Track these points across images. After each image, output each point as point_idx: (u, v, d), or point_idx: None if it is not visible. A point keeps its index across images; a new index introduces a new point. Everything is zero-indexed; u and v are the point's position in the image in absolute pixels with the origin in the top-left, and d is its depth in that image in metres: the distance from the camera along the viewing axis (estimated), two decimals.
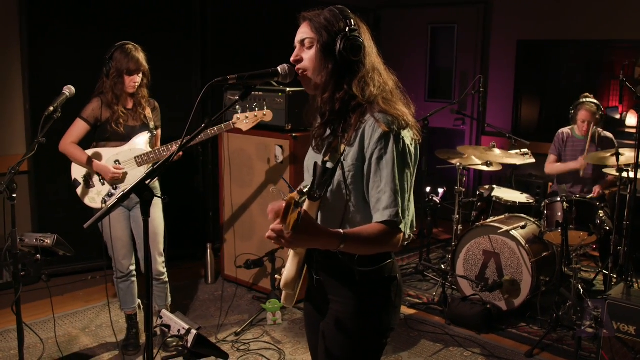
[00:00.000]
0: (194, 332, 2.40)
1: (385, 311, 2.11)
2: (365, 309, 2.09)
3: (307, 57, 2.07)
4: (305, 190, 1.81)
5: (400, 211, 1.95)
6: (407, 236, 2.06)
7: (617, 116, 6.86)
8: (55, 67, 5.10)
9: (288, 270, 2.18)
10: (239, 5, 6.27)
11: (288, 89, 4.69)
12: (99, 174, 3.90)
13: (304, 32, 2.08)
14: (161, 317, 2.56)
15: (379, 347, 2.15)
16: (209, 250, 5.40)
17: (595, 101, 5.18)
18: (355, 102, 2.04)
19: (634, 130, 6.84)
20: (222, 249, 5.37)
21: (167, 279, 4.19)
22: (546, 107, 7.37)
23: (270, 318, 4.60)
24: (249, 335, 4.40)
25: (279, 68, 2.13)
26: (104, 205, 3.86)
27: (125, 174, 3.88)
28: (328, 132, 2.13)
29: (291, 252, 2.19)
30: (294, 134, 4.73)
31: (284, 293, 2.25)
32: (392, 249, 2.02)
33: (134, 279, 4.11)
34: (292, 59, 2.10)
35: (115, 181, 3.88)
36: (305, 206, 2.06)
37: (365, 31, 2.09)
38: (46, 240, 3.00)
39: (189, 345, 2.35)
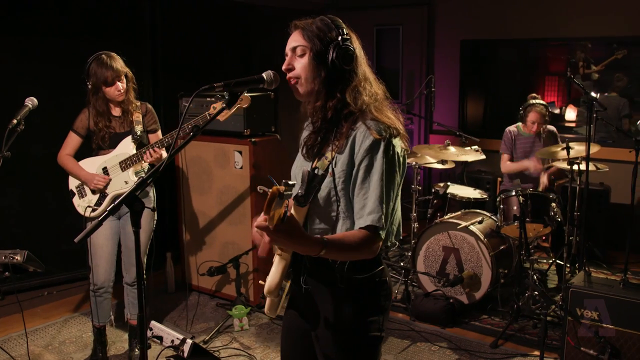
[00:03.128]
0: (189, 341, 2.37)
1: (377, 315, 2.13)
2: (358, 315, 2.10)
3: (299, 65, 2.07)
4: (290, 183, 1.82)
5: (383, 217, 1.97)
6: (390, 243, 2.10)
7: (556, 111, 7.13)
8: (3, 80, 4.94)
9: (272, 276, 2.17)
10: (188, 14, 6.23)
11: (246, 94, 4.66)
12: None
13: (296, 40, 2.08)
14: (151, 329, 2.53)
15: (374, 350, 2.17)
16: (168, 260, 5.33)
17: (543, 102, 5.34)
18: (347, 110, 2.06)
19: (573, 125, 7.17)
20: (183, 257, 5.32)
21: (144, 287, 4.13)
22: (490, 105, 7.59)
23: (237, 324, 4.58)
24: (217, 342, 4.37)
25: (264, 75, 2.14)
26: (88, 214, 3.83)
27: (108, 182, 3.85)
28: (318, 139, 2.15)
29: (276, 258, 2.19)
30: (253, 139, 4.73)
31: (267, 301, 2.23)
32: (370, 255, 2.03)
33: (109, 294, 4.03)
34: (284, 67, 2.10)
35: (97, 189, 3.86)
36: (292, 211, 2.08)
37: (356, 40, 2.11)
38: (16, 257, 2.91)
39: (185, 355, 2.33)
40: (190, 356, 2.32)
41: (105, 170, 3.90)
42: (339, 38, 2.04)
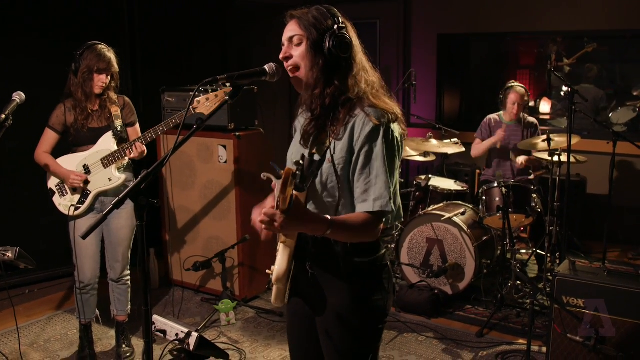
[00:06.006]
0: (195, 334, 2.37)
1: (381, 297, 2.17)
2: (362, 298, 2.14)
3: (296, 53, 2.10)
4: (301, 162, 1.83)
5: (391, 202, 2.01)
6: (390, 225, 2.14)
7: (530, 104, 7.23)
8: None
9: (279, 264, 2.19)
10: (166, 9, 6.17)
11: (228, 86, 4.65)
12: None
13: (292, 29, 2.11)
14: (154, 323, 2.52)
15: (377, 333, 2.22)
16: (151, 255, 5.30)
17: (522, 85, 5.42)
18: (344, 97, 2.09)
19: (547, 117, 7.30)
20: (166, 252, 5.29)
21: (129, 282, 4.09)
22: (466, 98, 7.68)
23: (224, 319, 4.57)
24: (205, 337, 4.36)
25: (266, 67, 2.16)
26: (72, 212, 3.77)
27: (86, 181, 3.77)
28: (316, 126, 2.17)
29: (281, 246, 2.20)
30: (237, 133, 4.72)
31: (274, 290, 2.25)
32: (373, 238, 2.08)
33: (95, 291, 3.99)
34: (281, 55, 2.13)
35: (78, 188, 3.78)
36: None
37: (351, 29, 2.14)
38: (7, 254, 2.87)
39: (191, 348, 2.33)
40: (197, 349, 2.32)
41: (86, 168, 3.82)
42: (335, 27, 2.07)
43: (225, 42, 6.94)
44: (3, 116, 3.01)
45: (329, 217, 1.94)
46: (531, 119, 5.57)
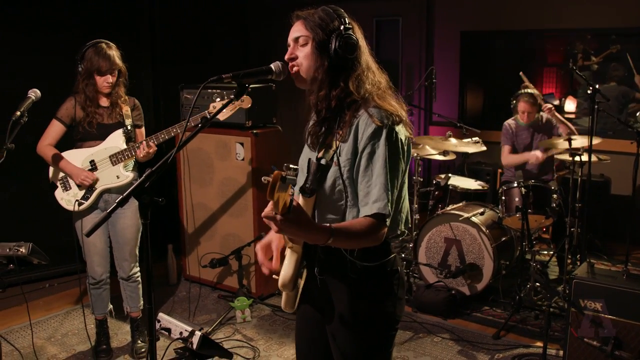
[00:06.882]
0: (198, 333, 2.37)
1: (391, 303, 2.13)
2: (372, 304, 2.11)
3: (301, 54, 2.08)
4: (292, 167, 1.80)
5: (389, 204, 1.96)
6: (400, 232, 2.10)
7: (556, 102, 7.12)
8: (2, 74, 4.94)
9: (285, 269, 2.18)
10: (186, 5, 6.19)
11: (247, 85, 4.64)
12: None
13: (298, 30, 2.09)
14: (159, 321, 2.53)
15: (388, 339, 2.18)
16: (169, 252, 5.33)
17: (532, 91, 5.27)
18: (350, 99, 2.06)
19: (572, 116, 7.17)
20: (184, 249, 5.31)
21: (139, 279, 4.12)
22: (489, 96, 7.58)
23: (239, 316, 4.58)
24: (220, 334, 4.37)
25: (272, 66, 2.13)
26: (77, 208, 3.76)
27: (96, 179, 3.77)
28: (323, 129, 2.15)
29: (288, 251, 2.19)
30: (254, 131, 4.71)
31: (283, 296, 2.25)
32: (376, 242, 2.02)
33: (107, 286, 4.02)
34: (286, 56, 2.11)
35: (83, 186, 3.78)
36: (300, 202, 2.07)
37: (358, 30, 2.12)
38: (21, 249, 2.89)
39: (194, 347, 2.33)
40: (200, 348, 2.32)
41: (92, 164, 3.81)
42: (341, 28, 2.05)
43: (246, 38, 6.95)
44: (18, 113, 3.04)
45: (330, 225, 1.90)
46: (546, 115, 5.46)
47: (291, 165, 1.77)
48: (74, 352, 4.15)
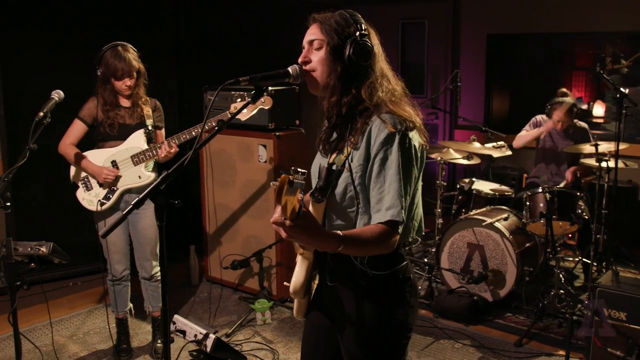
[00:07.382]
0: (212, 336, 2.37)
1: (403, 311, 2.10)
2: (383, 312, 2.08)
3: (315, 58, 2.06)
4: (300, 171, 1.78)
5: (402, 211, 1.93)
6: (412, 239, 2.07)
7: (584, 106, 7.01)
8: (28, 71, 5.00)
9: (297, 276, 2.16)
10: (211, 4, 6.22)
11: (270, 88, 4.66)
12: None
13: (313, 33, 2.07)
14: (174, 323, 2.53)
15: (400, 348, 2.14)
16: (192, 252, 5.35)
17: (571, 100, 5.21)
18: (362, 106, 2.04)
19: (601, 121, 7.06)
20: (206, 250, 5.33)
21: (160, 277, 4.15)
22: (515, 100, 7.50)
23: (259, 318, 4.58)
24: (240, 336, 4.38)
25: (289, 69, 2.12)
26: (99, 208, 3.79)
27: (118, 177, 3.80)
28: (335, 135, 2.13)
29: (299, 257, 2.18)
30: (277, 133, 4.71)
31: (295, 303, 2.23)
32: (388, 250, 1.98)
33: (127, 283, 4.06)
34: (300, 59, 2.09)
35: (107, 184, 3.81)
36: (310, 208, 2.06)
37: (374, 36, 2.09)
38: (42, 249, 2.93)
39: (208, 350, 2.33)
40: (213, 351, 2.32)
41: (114, 164, 3.83)
42: (357, 33, 2.02)
43: (269, 38, 6.95)
44: (41, 114, 3.07)
45: (340, 232, 1.86)
46: (581, 124, 5.39)
47: (299, 169, 1.73)
48: (95, 350, 4.19)
